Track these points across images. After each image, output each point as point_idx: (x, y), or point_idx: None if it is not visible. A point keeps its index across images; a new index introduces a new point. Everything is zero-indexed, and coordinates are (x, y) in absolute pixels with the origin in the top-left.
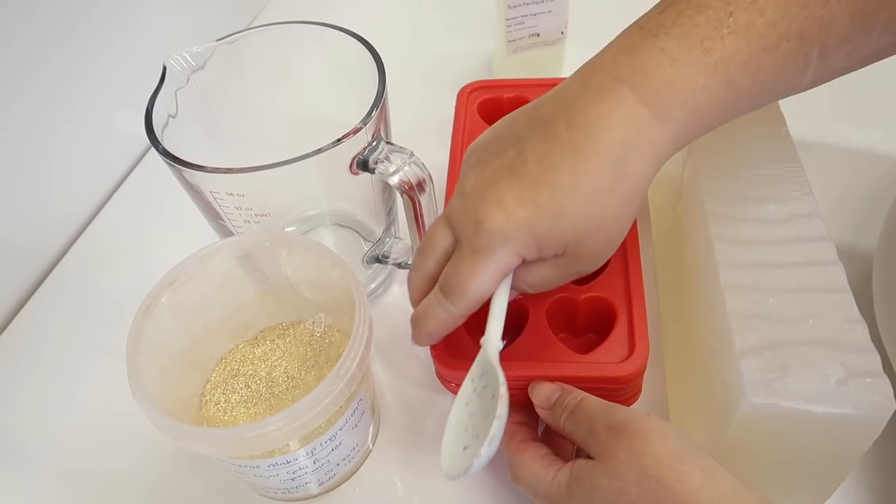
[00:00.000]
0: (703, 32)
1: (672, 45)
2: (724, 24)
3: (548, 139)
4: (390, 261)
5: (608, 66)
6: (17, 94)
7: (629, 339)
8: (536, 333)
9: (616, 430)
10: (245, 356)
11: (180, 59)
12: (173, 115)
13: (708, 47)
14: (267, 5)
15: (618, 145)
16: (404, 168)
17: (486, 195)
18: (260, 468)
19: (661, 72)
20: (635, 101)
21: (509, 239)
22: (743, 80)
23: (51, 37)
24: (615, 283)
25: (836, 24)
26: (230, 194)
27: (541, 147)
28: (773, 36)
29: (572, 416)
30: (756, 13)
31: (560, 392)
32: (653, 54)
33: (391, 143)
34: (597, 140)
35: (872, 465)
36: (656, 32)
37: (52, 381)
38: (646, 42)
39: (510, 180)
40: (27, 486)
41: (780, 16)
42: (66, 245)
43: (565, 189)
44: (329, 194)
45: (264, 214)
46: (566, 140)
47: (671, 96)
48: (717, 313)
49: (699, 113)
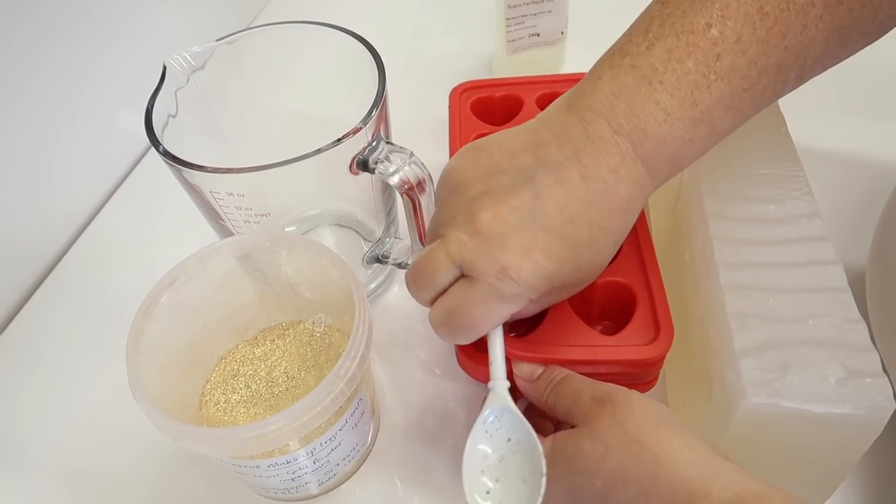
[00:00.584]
0: (693, 81)
1: (666, 98)
2: (711, 70)
3: (563, 187)
4: (390, 261)
5: (606, 113)
6: (17, 94)
7: (653, 321)
8: (560, 318)
9: (601, 399)
10: (245, 356)
11: (180, 59)
12: (173, 115)
13: (697, 98)
14: (267, 5)
15: (625, 203)
16: (404, 168)
17: (509, 242)
18: (260, 468)
19: (657, 129)
20: (635, 158)
21: (532, 288)
22: (724, 123)
23: (51, 37)
24: (632, 268)
25: (813, 46)
26: (230, 194)
27: (558, 195)
28: (753, 74)
29: (558, 388)
30: (739, 53)
31: (544, 368)
32: (649, 108)
33: (391, 143)
34: (609, 197)
35: (872, 465)
36: (650, 79)
37: (52, 381)
38: (641, 91)
39: (534, 230)
40: (27, 486)
41: (761, 52)
42: (66, 245)
43: (584, 244)
44: (329, 194)
45: (264, 214)
46: (581, 192)
47: (663, 154)
48: (717, 313)
49: (682, 163)
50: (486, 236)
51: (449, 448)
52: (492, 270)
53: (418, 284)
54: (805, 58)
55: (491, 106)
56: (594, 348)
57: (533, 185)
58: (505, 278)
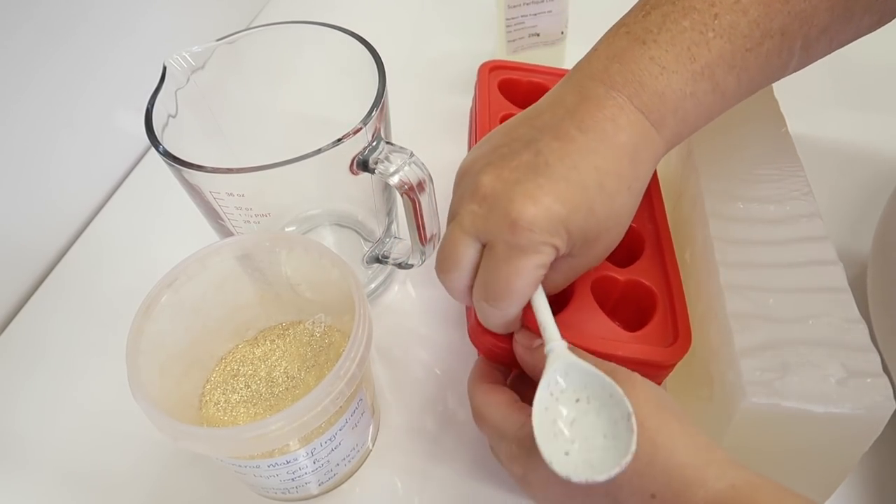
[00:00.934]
0: (690, 38)
1: (661, 54)
2: (709, 28)
3: (562, 141)
4: (390, 261)
5: (601, 75)
6: (17, 95)
7: (673, 325)
8: (581, 307)
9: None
10: (245, 356)
11: (180, 59)
12: (173, 115)
13: (695, 53)
14: (267, 5)
15: (630, 147)
16: (404, 168)
17: (514, 195)
18: (260, 468)
19: (653, 82)
20: (633, 108)
21: (548, 233)
22: (728, 82)
23: (51, 37)
24: (654, 271)
25: (817, 15)
26: (230, 194)
27: (557, 148)
28: (756, 35)
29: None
30: (739, 13)
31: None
32: (643, 63)
33: (391, 144)
34: (611, 142)
35: (873, 465)
36: (644, 39)
37: (52, 381)
38: (635, 50)
39: (537, 179)
40: (27, 486)
41: (763, 14)
42: (66, 245)
43: (593, 187)
44: (329, 194)
45: (264, 214)
46: (581, 142)
47: (664, 107)
48: (717, 313)
49: (688, 118)
50: (491, 198)
51: (449, 448)
52: (504, 226)
53: (445, 267)
54: (810, 27)
55: (517, 89)
56: (613, 342)
57: (531, 146)
58: (518, 230)
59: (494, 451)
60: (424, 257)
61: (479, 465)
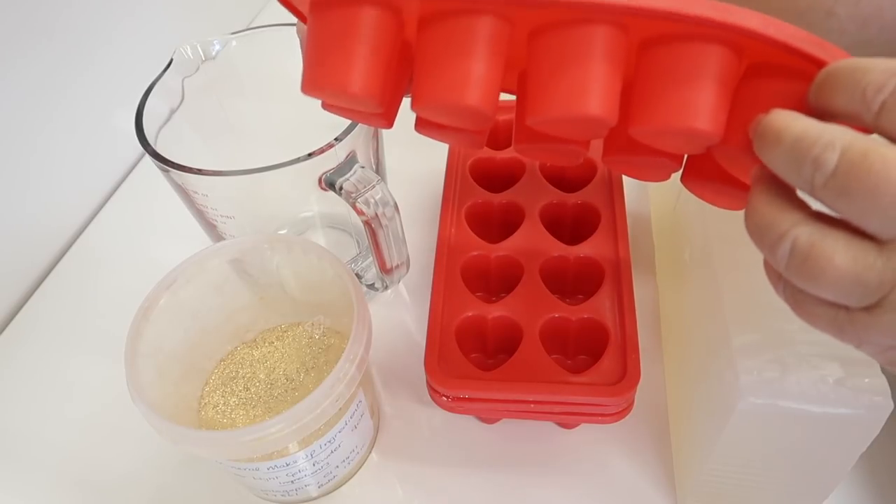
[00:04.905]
0: None
1: None
2: None
3: None
4: (363, 281)
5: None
6: (14, 95)
7: (622, 362)
8: (530, 352)
9: None
10: (244, 358)
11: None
12: (168, 117)
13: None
14: (266, 6)
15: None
16: (365, 195)
17: None
18: (259, 471)
19: None
20: None
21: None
22: None
23: (49, 37)
24: (608, 306)
25: None
26: (216, 196)
27: None
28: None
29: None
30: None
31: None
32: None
33: (363, 168)
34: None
35: (871, 465)
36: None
37: (51, 381)
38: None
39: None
40: (27, 486)
41: None
42: (65, 247)
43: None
44: (318, 199)
45: (254, 217)
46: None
47: None
48: (716, 313)
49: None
50: None
51: (449, 449)
52: None
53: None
54: None
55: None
56: (557, 384)
57: None
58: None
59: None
60: (387, 285)
61: (480, 467)
